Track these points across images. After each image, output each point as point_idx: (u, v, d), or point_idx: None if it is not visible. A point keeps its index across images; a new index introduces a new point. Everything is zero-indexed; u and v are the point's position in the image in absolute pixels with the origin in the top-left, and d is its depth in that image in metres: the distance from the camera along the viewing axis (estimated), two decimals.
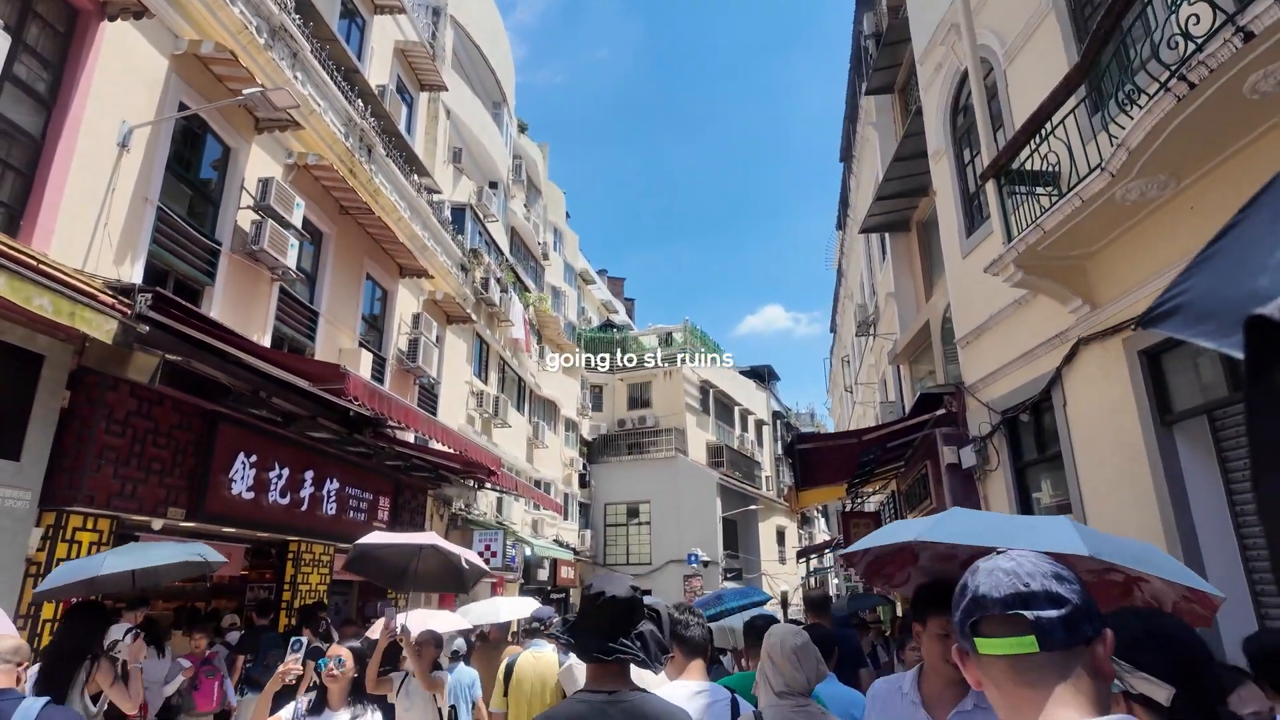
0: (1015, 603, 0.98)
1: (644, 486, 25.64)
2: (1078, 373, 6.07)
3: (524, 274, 20.99)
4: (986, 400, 7.51)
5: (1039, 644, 0.96)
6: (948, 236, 8.46)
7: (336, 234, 10.60)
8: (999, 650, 0.98)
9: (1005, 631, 0.98)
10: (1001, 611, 0.98)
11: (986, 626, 1.00)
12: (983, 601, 1.00)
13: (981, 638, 1.00)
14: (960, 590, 1.06)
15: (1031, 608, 0.97)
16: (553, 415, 22.40)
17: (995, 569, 1.03)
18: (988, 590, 1.01)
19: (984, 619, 1.00)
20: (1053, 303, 6.36)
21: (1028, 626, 0.97)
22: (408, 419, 7.27)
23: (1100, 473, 5.80)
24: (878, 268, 14.45)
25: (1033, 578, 0.99)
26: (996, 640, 0.99)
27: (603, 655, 2.00)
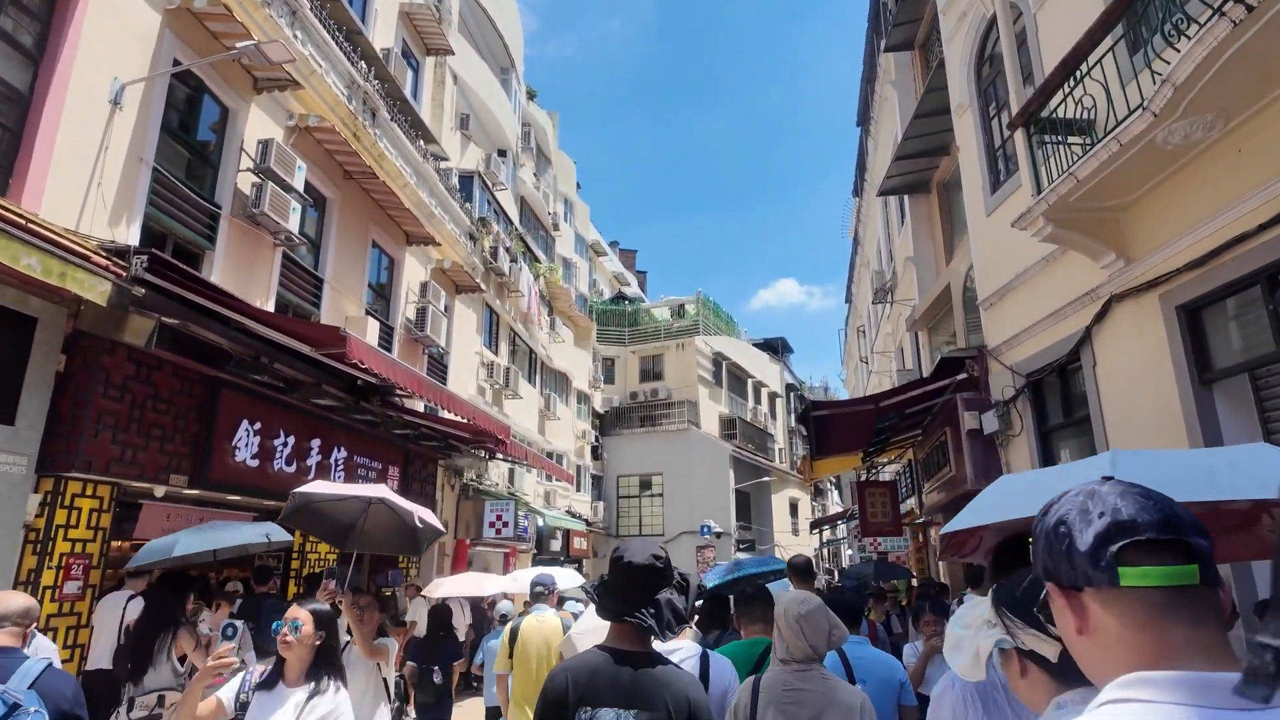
0: (1169, 526, 0.81)
1: (656, 459, 25.56)
2: (1109, 332, 5.78)
3: (534, 244, 20.73)
4: (1010, 364, 7.23)
5: (1200, 574, 0.80)
6: (971, 194, 8.11)
7: (340, 199, 10.38)
8: (1156, 580, 0.80)
9: (1158, 560, 0.80)
10: (1159, 535, 0.81)
11: (1134, 554, 0.81)
12: (1130, 525, 0.82)
13: (1129, 566, 0.81)
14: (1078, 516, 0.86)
15: (1187, 534, 0.81)
16: (564, 387, 22.27)
17: (1126, 492, 0.86)
18: (1134, 513, 0.82)
19: (1132, 545, 0.81)
20: (1083, 259, 6.05)
21: (1186, 554, 0.80)
22: (413, 385, 7.10)
23: (1132, 436, 5.53)
24: (895, 233, 14.07)
25: (1168, 503, 0.84)
26: (1153, 569, 0.80)
27: (620, 617, 2.09)
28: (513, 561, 16.36)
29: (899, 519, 11.41)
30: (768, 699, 2.38)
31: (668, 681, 2.02)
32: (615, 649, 2.09)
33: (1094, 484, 0.90)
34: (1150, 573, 0.80)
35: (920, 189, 11.96)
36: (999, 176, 7.59)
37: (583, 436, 23.51)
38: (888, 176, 11.56)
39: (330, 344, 6.07)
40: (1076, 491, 0.89)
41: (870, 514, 11.01)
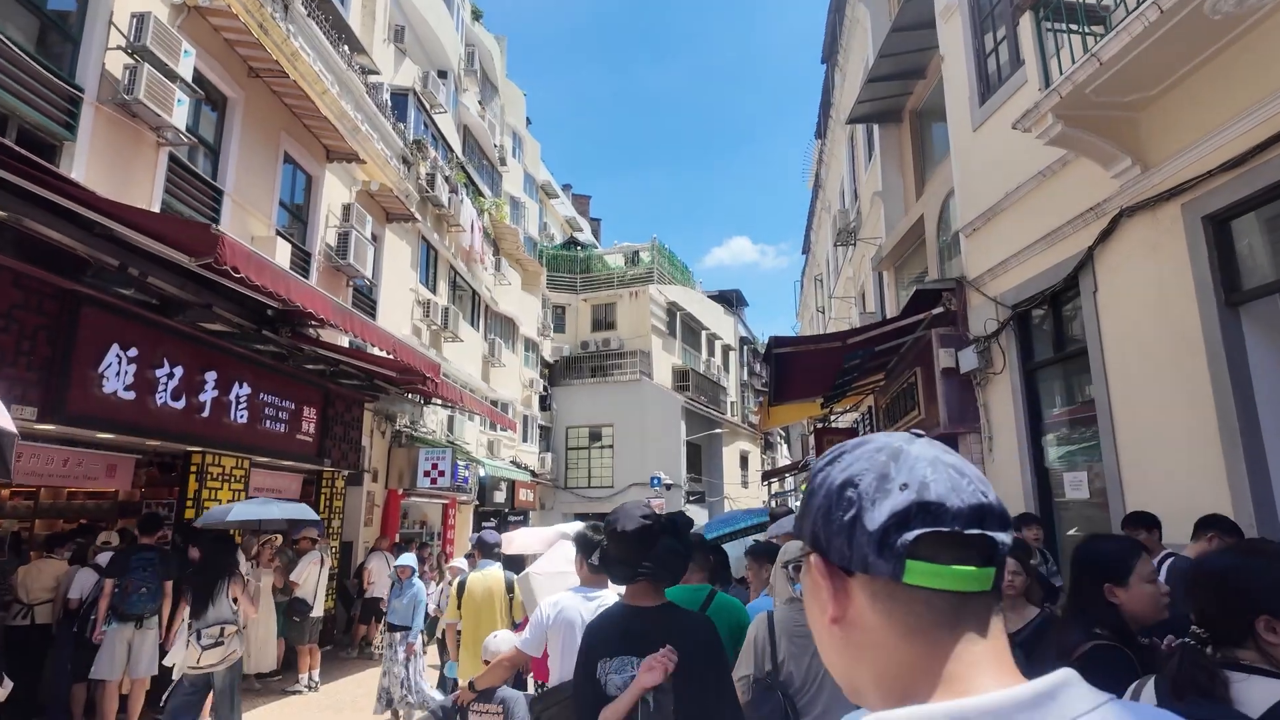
0: (977, 517, 0.62)
1: (607, 410, 24.79)
2: (1115, 251, 5.08)
3: (478, 177, 19.36)
4: (994, 295, 6.53)
5: (994, 579, 0.63)
6: (955, 108, 7.31)
7: (246, 101, 9.04)
8: (948, 583, 0.61)
9: (949, 557, 0.61)
10: (964, 528, 0.62)
11: (930, 547, 0.61)
12: (935, 509, 0.62)
13: (920, 561, 0.61)
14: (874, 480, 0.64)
15: (992, 528, 0.63)
16: (511, 333, 21.19)
17: (940, 460, 0.65)
18: (943, 493, 0.62)
19: (932, 535, 0.61)
20: (1086, 171, 5.31)
21: (986, 555, 0.62)
22: (317, 306, 6.04)
23: (1138, 368, 4.88)
24: (862, 170, 13.29)
25: (984, 483, 0.65)
26: (946, 569, 0.61)
27: (630, 578, 2.29)
28: (452, 513, 15.48)
29: None
30: (781, 631, 2.60)
31: (678, 628, 2.19)
32: (630, 605, 2.30)
33: (904, 439, 0.68)
34: (943, 572, 0.62)
35: (891, 118, 11.14)
36: (989, 85, 6.78)
37: (530, 385, 22.54)
38: (858, 102, 10.68)
39: (199, 249, 4.96)
40: (880, 446, 0.67)
41: None
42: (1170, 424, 4.58)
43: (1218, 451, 4.23)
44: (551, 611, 3.02)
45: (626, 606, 2.31)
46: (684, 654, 2.06)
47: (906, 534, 0.62)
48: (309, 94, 9.80)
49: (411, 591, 7.44)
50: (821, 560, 0.68)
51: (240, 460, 8.40)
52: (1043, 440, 6.10)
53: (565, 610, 3.00)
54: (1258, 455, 4.07)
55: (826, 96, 18.51)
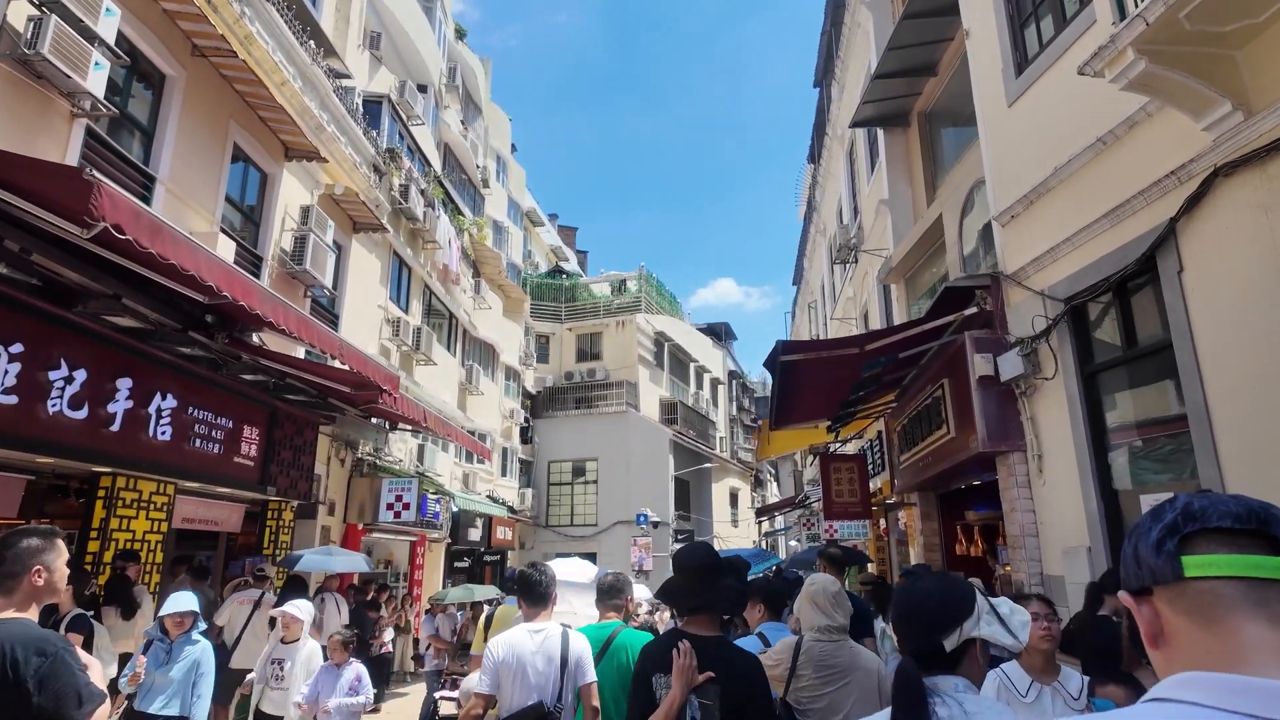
0: (1251, 519, 0.72)
1: (592, 443, 23.64)
2: (1208, 220, 4.16)
3: (458, 196, 18.50)
4: (1041, 288, 5.60)
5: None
6: (985, 83, 6.48)
7: (188, 82, 8.10)
8: (1225, 569, 0.70)
9: (1232, 548, 0.71)
10: (1231, 524, 0.72)
11: (1202, 543, 0.72)
12: (1199, 514, 0.74)
13: (1195, 555, 0.72)
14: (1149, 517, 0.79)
15: (1273, 528, 0.71)
16: (491, 360, 20.12)
17: (1206, 493, 0.80)
18: (1206, 505, 0.75)
19: (1198, 534, 0.73)
20: (1164, 129, 4.43)
21: (1271, 546, 0.70)
22: (235, 287, 4.99)
23: (1245, 360, 3.92)
24: (864, 182, 12.51)
25: (1269, 506, 0.74)
26: (1221, 557, 0.71)
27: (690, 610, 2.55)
28: (420, 551, 14.20)
29: (868, 499, 9.82)
30: (806, 660, 2.77)
31: (726, 660, 2.36)
32: (686, 633, 2.44)
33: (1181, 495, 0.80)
34: (1218, 561, 0.71)
35: (898, 121, 10.38)
36: (1025, 55, 5.95)
37: (511, 416, 21.39)
38: (863, 102, 9.92)
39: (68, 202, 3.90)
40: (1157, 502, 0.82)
41: (835, 493, 9.39)
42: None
43: None
44: (500, 649, 3.20)
45: (685, 634, 2.44)
46: (732, 685, 2.25)
47: (1176, 535, 0.74)
48: (265, 82, 8.90)
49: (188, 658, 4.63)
50: (1129, 595, 0.79)
51: (162, 485, 7.22)
52: (1108, 457, 5.10)
53: (513, 646, 3.21)
54: None
55: (820, 118, 17.94)
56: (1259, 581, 0.69)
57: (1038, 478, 5.73)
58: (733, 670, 2.30)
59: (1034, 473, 5.78)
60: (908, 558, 10.75)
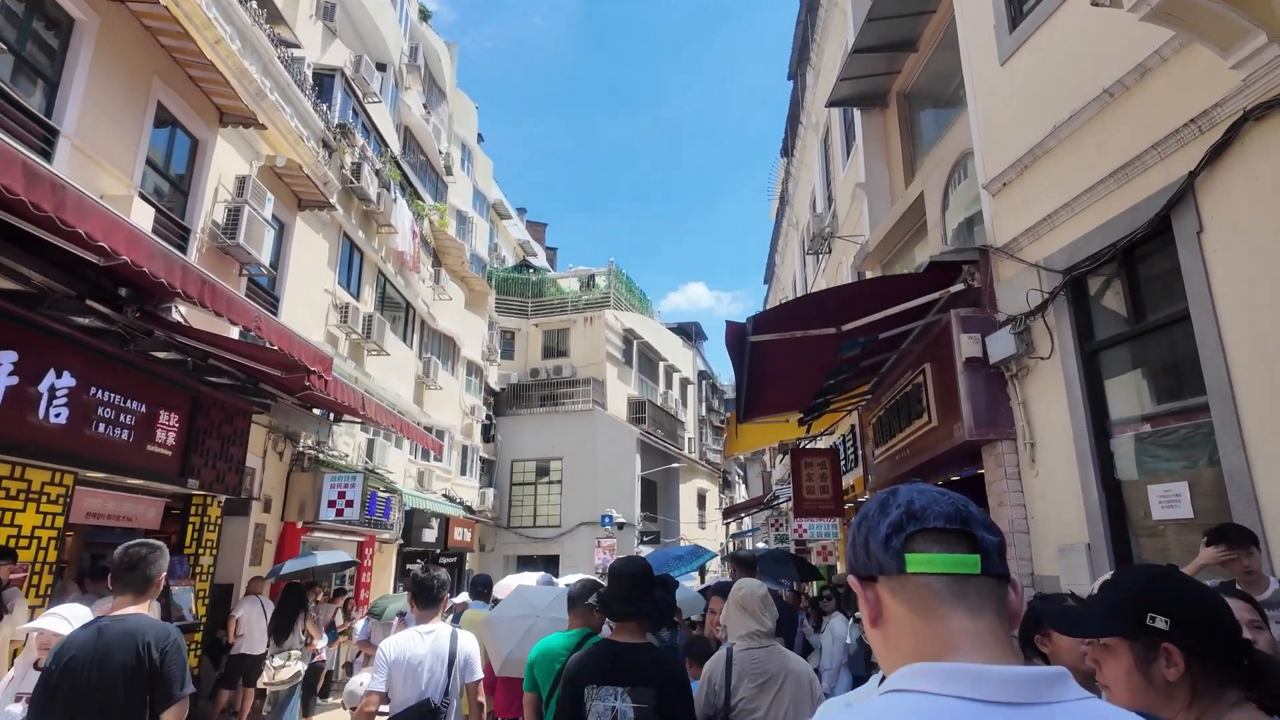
0: (958, 518, 0.81)
1: (557, 442, 22.92)
2: (1234, 172, 3.67)
3: (418, 181, 17.71)
4: (1036, 260, 5.10)
5: (982, 565, 0.79)
6: (975, 41, 5.99)
7: (100, 29, 7.29)
8: (939, 567, 0.79)
9: (943, 548, 0.80)
10: (944, 525, 0.81)
11: (920, 543, 0.81)
12: (921, 513, 0.82)
13: (916, 553, 0.80)
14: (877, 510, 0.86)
15: (973, 527, 0.81)
16: (451, 354, 19.33)
17: (923, 490, 0.85)
18: (925, 504, 0.83)
19: (920, 533, 0.81)
20: (1182, 73, 3.95)
21: (971, 544, 0.80)
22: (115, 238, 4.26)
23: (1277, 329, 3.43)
24: (839, 168, 12.06)
25: (966, 503, 0.83)
26: (937, 556, 0.80)
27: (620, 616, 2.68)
28: (369, 553, 13.39)
29: (840, 496, 9.31)
30: (739, 672, 2.75)
31: (657, 665, 2.52)
32: (616, 641, 2.64)
33: (900, 485, 0.88)
34: (934, 560, 0.79)
35: (876, 102, 9.92)
36: (1020, 7, 5.47)
37: (472, 413, 20.60)
38: (840, 80, 9.43)
39: None
40: (881, 493, 0.89)
41: (806, 490, 8.85)
42: None
43: None
44: (392, 649, 3.40)
45: (613, 642, 2.64)
46: (664, 687, 2.44)
47: (901, 534, 0.82)
48: (194, 37, 8.11)
49: None
50: (855, 579, 0.86)
51: (57, 475, 6.41)
52: (1111, 444, 4.60)
53: (405, 647, 3.42)
54: None
55: (794, 109, 17.52)
56: (961, 576, 0.78)
57: (1029, 468, 5.23)
58: (663, 673, 2.48)
59: (1025, 463, 5.27)
60: None
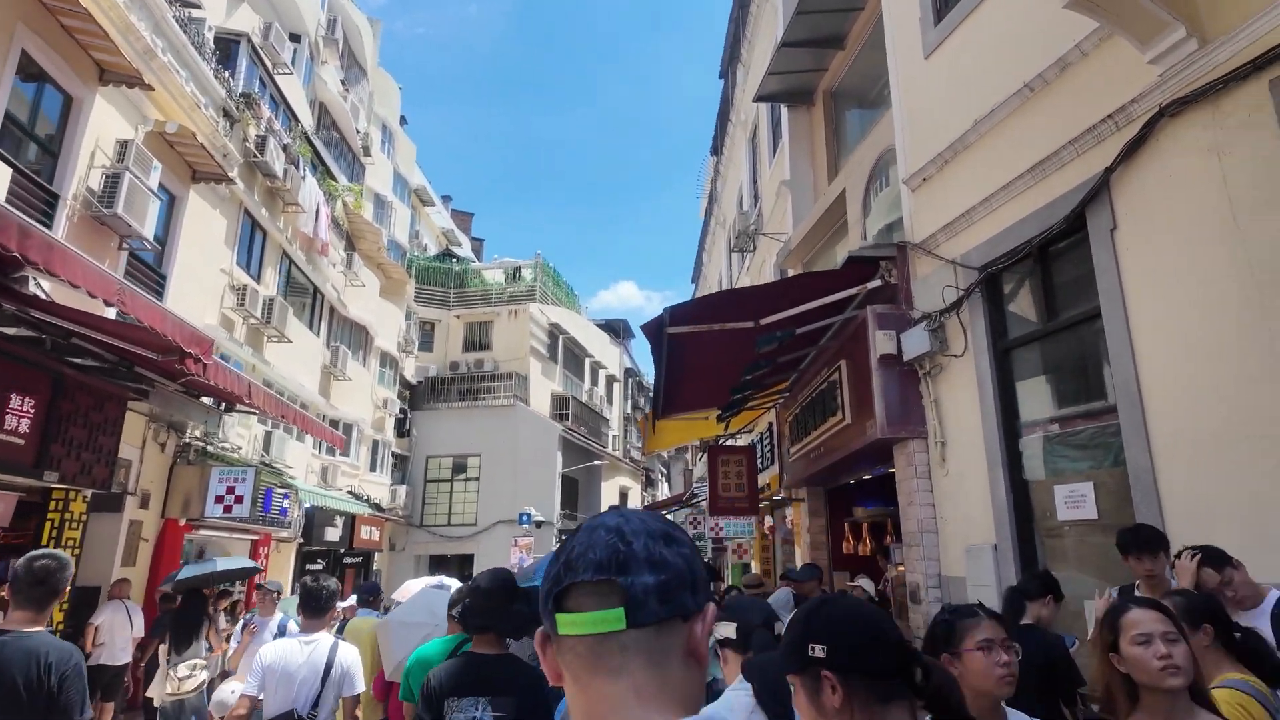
0: (610, 566, 0.71)
1: (476, 438, 22.24)
2: (1149, 169, 3.64)
3: (332, 161, 16.81)
4: (953, 256, 5.04)
5: (627, 618, 0.69)
6: (901, 33, 5.92)
7: None
8: (580, 628, 0.70)
9: (593, 604, 0.71)
10: (592, 577, 0.71)
11: (573, 599, 0.72)
12: (575, 564, 0.72)
13: (563, 613, 0.72)
14: (554, 557, 0.77)
15: (628, 573, 0.71)
16: (363, 344, 18.45)
17: (599, 525, 0.76)
18: (582, 551, 0.73)
19: (572, 588, 0.72)
20: (1101, 69, 3.91)
21: (619, 597, 0.70)
22: None
23: (1187, 328, 3.40)
24: (765, 165, 12.02)
25: (636, 536, 0.73)
26: (579, 616, 0.71)
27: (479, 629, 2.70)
28: (264, 552, 12.54)
29: (756, 494, 9.21)
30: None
31: (517, 675, 2.55)
32: (476, 653, 2.63)
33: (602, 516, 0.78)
34: (576, 620, 0.71)
35: (803, 99, 9.88)
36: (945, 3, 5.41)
37: (385, 406, 19.73)
38: (769, 74, 9.33)
39: None
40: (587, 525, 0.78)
41: (722, 487, 8.71)
42: (1244, 403, 3.08)
43: None
44: (269, 655, 3.43)
45: (475, 654, 2.63)
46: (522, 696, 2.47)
47: (553, 592, 0.72)
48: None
49: None
50: (539, 632, 0.76)
51: None
52: (1020, 443, 4.56)
53: (282, 654, 3.45)
54: None
55: (724, 107, 17.50)
56: (604, 635, 0.69)
57: (940, 467, 5.17)
58: (523, 683, 2.52)
59: (936, 462, 5.21)
60: (793, 558, 10.25)
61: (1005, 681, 1.67)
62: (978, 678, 1.69)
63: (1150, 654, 1.64)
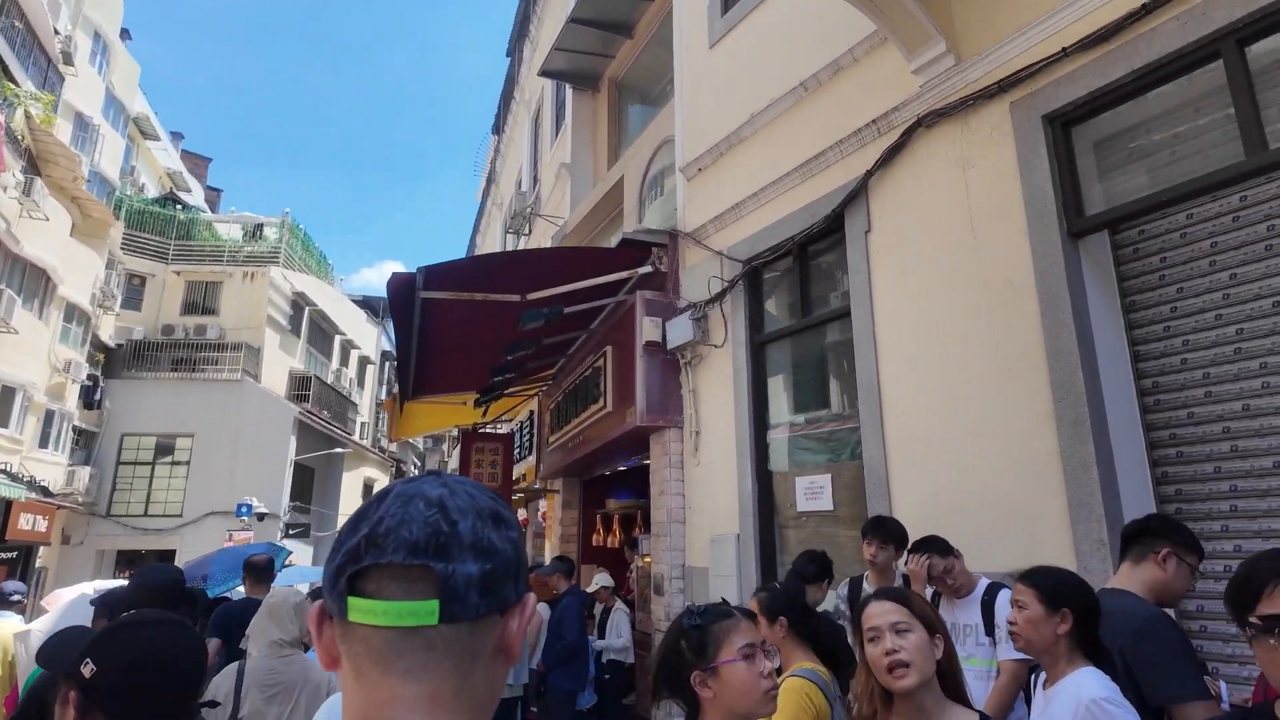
0: (429, 549, 0.59)
1: (190, 415, 19.14)
2: (904, 175, 3.81)
3: (15, 59, 13.44)
4: (721, 248, 5.02)
5: (441, 612, 0.58)
6: (689, 20, 5.86)
7: None
8: (380, 619, 0.58)
9: (400, 592, 0.59)
10: (404, 559, 0.59)
11: (375, 582, 0.59)
12: (383, 540, 0.59)
13: (359, 597, 0.59)
14: (350, 525, 0.63)
15: (449, 559, 0.59)
16: (41, 291, 15.00)
17: (417, 495, 0.62)
18: (394, 525, 0.60)
19: (374, 569, 0.59)
20: (872, 75, 4.06)
21: (434, 587, 0.59)
22: None
23: (926, 329, 3.58)
24: (546, 148, 11.66)
25: (463, 515, 0.62)
26: (381, 604, 0.58)
27: None
28: None
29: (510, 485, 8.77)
30: (251, 682, 2.52)
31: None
32: None
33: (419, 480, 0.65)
34: (376, 608, 0.58)
35: (588, 83, 9.68)
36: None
37: (67, 370, 16.20)
38: (555, 49, 9.00)
39: None
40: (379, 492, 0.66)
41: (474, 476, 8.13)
42: (974, 400, 3.29)
43: (1049, 433, 2.98)
44: None
45: None
46: None
47: (352, 568, 0.60)
48: None
49: None
50: (317, 607, 0.65)
51: None
52: (769, 434, 4.63)
53: None
54: (1102, 436, 2.89)
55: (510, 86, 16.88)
56: (408, 629, 0.58)
57: (693, 457, 5.14)
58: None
59: (689, 452, 5.18)
60: (543, 550, 9.97)
61: (770, 697, 1.37)
62: (740, 696, 1.34)
63: (879, 652, 1.47)
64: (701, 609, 1.45)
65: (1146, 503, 2.84)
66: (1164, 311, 2.95)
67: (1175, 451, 2.86)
